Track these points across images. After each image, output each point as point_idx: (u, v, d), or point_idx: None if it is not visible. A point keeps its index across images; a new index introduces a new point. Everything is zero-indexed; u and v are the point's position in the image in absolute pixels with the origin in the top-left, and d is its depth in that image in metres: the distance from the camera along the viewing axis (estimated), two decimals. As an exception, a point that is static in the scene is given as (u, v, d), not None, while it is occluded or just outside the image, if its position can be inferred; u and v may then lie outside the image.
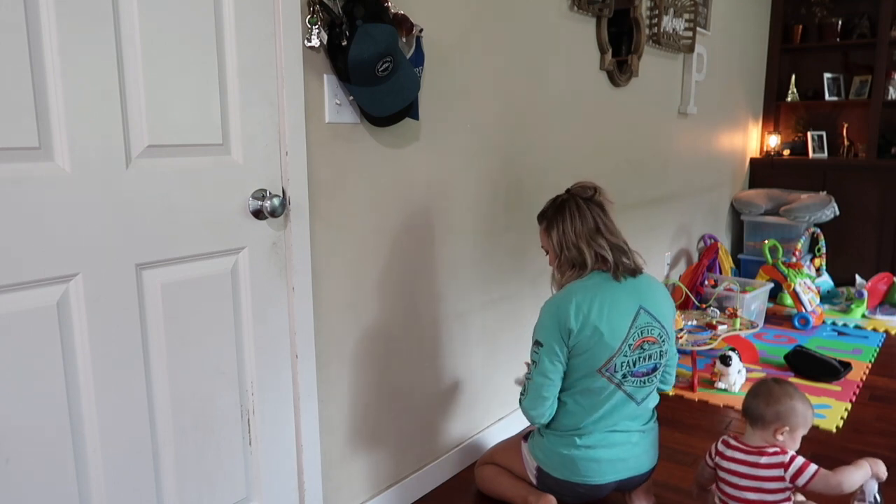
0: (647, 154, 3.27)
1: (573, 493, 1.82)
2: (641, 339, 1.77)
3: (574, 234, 1.77)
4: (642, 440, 1.83)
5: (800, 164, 4.62)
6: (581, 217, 1.78)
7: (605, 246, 1.77)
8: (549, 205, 1.86)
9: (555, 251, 1.82)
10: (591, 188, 1.83)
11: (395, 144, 1.84)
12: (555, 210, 1.82)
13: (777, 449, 1.62)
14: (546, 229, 1.84)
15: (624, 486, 1.85)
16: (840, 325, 3.72)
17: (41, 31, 1.13)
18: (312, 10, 1.52)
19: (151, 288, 1.34)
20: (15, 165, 1.13)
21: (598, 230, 1.79)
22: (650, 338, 1.78)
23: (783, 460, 1.60)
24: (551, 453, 1.81)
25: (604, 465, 1.77)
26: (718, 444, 1.72)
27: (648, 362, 1.79)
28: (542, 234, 1.87)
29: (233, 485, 1.56)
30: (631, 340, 1.75)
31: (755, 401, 1.67)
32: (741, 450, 1.67)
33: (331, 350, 1.74)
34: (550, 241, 1.83)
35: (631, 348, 1.75)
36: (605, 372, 1.75)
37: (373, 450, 1.93)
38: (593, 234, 1.78)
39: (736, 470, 1.66)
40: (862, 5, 4.44)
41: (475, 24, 2.05)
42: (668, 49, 3.26)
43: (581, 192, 1.82)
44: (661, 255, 3.61)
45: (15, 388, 1.17)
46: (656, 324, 1.80)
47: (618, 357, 1.74)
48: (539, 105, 2.41)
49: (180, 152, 1.36)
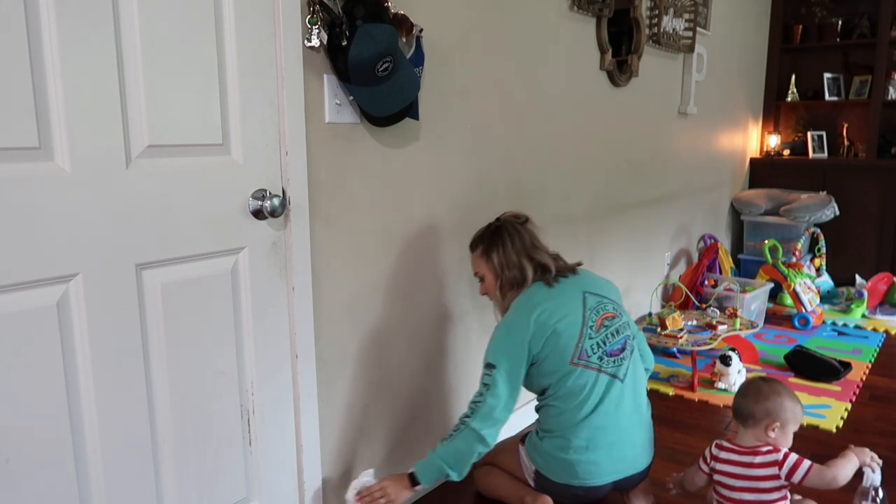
0: (647, 154, 3.27)
1: (572, 495, 1.82)
2: (600, 318, 1.82)
3: (514, 253, 1.84)
4: (639, 435, 1.83)
5: (800, 164, 4.62)
6: (519, 237, 1.86)
7: (545, 255, 1.86)
8: (483, 232, 1.91)
9: (495, 273, 1.86)
10: (523, 216, 1.94)
11: (395, 144, 1.84)
12: (492, 235, 1.88)
13: (770, 448, 1.64)
14: (484, 253, 1.87)
15: (622, 486, 1.85)
16: (840, 325, 3.72)
17: (41, 31, 1.13)
18: (312, 10, 1.52)
19: (151, 288, 1.34)
20: (15, 165, 1.13)
21: (535, 246, 1.88)
22: (607, 314, 1.84)
23: (777, 458, 1.62)
24: (549, 457, 1.81)
25: (602, 466, 1.77)
26: (712, 449, 1.73)
27: (617, 338, 1.83)
28: (479, 259, 1.90)
29: (233, 485, 1.56)
30: (591, 322, 1.80)
31: (744, 400, 1.69)
32: (735, 451, 1.68)
33: (331, 350, 1.74)
34: (490, 265, 1.86)
35: (594, 329, 1.79)
36: (579, 361, 1.76)
37: (373, 450, 1.93)
38: (531, 249, 1.86)
39: (731, 472, 1.67)
40: (862, 5, 4.43)
41: (475, 24, 2.05)
42: (668, 49, 3.26)
43: (514, 220, 1.91)
44: (661, 255, 3.61)
45: (15, 387, 1.17)
46: (606, 300, 1.87)
47: (584, 342, 1.77)
48: (539, 105, 2.41)
49: (180, 152, 1.36)
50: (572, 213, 2.70)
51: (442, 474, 1.72)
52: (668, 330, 2.92)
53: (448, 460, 1.71)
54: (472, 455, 1.72)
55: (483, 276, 1.91)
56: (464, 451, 1.71)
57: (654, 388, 2.86)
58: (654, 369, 3.05)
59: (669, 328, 2.92)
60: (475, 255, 1.91)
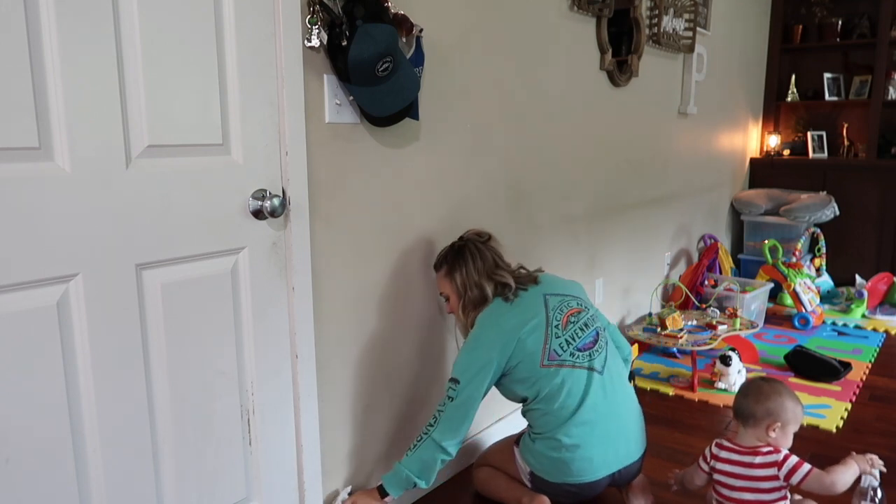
0: (647, 154, 3.27)
1: (568, 493, 1.82)
2: (565, 315, 1.84)
3: (476, 274, 1.85)
4: (629, 425, 1.84)
5: (800, 164, 4.62)
6: (481, 257, 1.87)
7: (505, 274, 1.87)
8: (446, 251, 1.91)
9: (458, 294, 1.87)
10: (486, 234, 1.94)
11: (395, 144, 1.84)
12: (455, 255, 1.88)
13: (771, 448, 1.64)
14: (448, 273, 1.88)
15: (619, 480, 1.85)
16: (840, 325, 3.72)
17: (41, 31, 1.13)
18: (312, 10, 1.52)
19: (151, 288, 1.34)
20: (15, 165, 1.13)
21: (497, 265, 1.89)
22: (572, 310, 1.87)
23: (776, 459, 1.62)
24: (542, 458, 1.82)
25: (595, 461, 1.78)
26: (712, 448, 1.73)
27: (587, 331, 1.85)
28: (443, 279, 1.90)
29: (233, 485, 1.56)
30: (555, 322, 1.81)
31: (745, 400, 1.69)
32: (735, 451, 1.68)
33: (331, 350, 1.74)
34: (454, 285, 1.87)
35: (560, 328, 1.81)
36: (550, 362, 1.78)
37: (373, 449, 1.93)
38: (493, 268, 1.87)
39: (731, 471, 1.67)
40: (862, 5, 4.43)
41: (475, 24, 2.05)
42: (668, 49, 3.26)
43: (476, 238, 1.91)
44: (661, 255, 3.61)
45: (15, 388, 1.17)
46: (569, 297, 1.90)
47: (551, 342, 1.79)
48: (539, 105, 2.41)
49: (180, 152, 1.36)
50: (572, 213, 2.70)
51: (409, 483, 1.76)
52: (668, 330, 2.92)
53: (414, 470, 1.75)
54: (436, 464, 1.76)
55: (448, 296, 1.92)
56: (428, 460, 1.76)
57: (655, 388, 2.86)
58: (654, 369, 3.07)
59: (669, 328, 2.92)
60: (439, 276, 1.91)
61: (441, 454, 1.75)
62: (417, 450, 1.76)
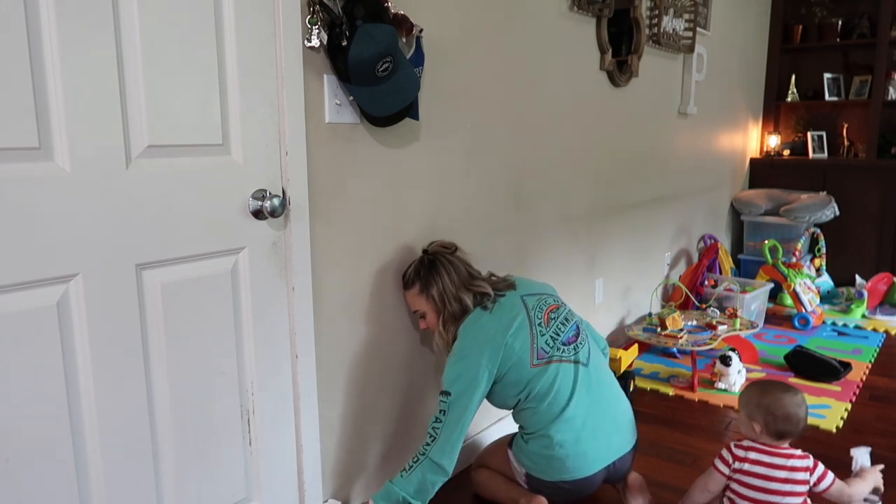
0: (647, 154, 3.27)
1: (566, 491, 1.82)
2: (545, 312, 1.86)
3: (453, 286, 1.82)
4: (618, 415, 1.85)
5: (800, 165, 4.62)
6: (454, 269, 1.85)
7: (482, 283, 1.86)
8: (416, 267, 1.86)
9: (437, 310, 1.84)
10: (452, 245, 1.92)
11: (395, 144, 1.84)
12: (427, 269, 1.84)
13: (801, 452, 1.64)
14: (423, 290, 1.84)
15: (613, 474, 1.86)
16: (840, 326, 3.72)
17: (41, 31, 1.13)
18: (312, 10, 1.52)
19: (151, 288, 1.34)
20: (15, 165, 1.13)
21: (472, 275, 1.87)
22: (551, 307, 1.89)
23: (808, 464, 1.62)
24: (536, 457, 1.82)
25: (590, 455, 1.78)
26: (733, 450, 1.67)
27: (568, 326, 1.88)
28: (418, 296, 1.85)
29: (233, 485, 1.56)
30: (538, 320, 1.83)
31: (800, 409, 1.64)
32: (767, 452, 1.64)
33: (331, 350, 1.74)
34: (431, 300, 1.83)
35: (543, 325, 1.83)
36: (539, 361, 1.79)
37: (373, 450, 1.93)
38: (468, 279, 1.86)
39: (764, 473, 1.62)
40: (862, 5, 4.43)
41: (475, 24, 2.05)
42: (667, 49, 3.26)
43: (444, 251, 1.89)
44: (661, 255, 3.61)
45: (15, 388, 1.17)
46: (545, 295, 1.92)
47: (538, 340, 1.80)
48: (539, 105, 2.41)
49: (180, 152, 1.36)
50: (572, 213, 2.70)
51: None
52: (668, 330, 2.92)
53: (410, 491, 1.70)
54: (433, 486, 1.72)
55: (424, 314, 1.88)
56: (425, 481, 1.71)
57: (654, 388, 2.86)
58: (654, 369, 3.07)
59: (669, 328, 2.92)
60: (412, 293, 1.86)
61: (440, 476, 1.71)
62: (414, 471, 1.70)
